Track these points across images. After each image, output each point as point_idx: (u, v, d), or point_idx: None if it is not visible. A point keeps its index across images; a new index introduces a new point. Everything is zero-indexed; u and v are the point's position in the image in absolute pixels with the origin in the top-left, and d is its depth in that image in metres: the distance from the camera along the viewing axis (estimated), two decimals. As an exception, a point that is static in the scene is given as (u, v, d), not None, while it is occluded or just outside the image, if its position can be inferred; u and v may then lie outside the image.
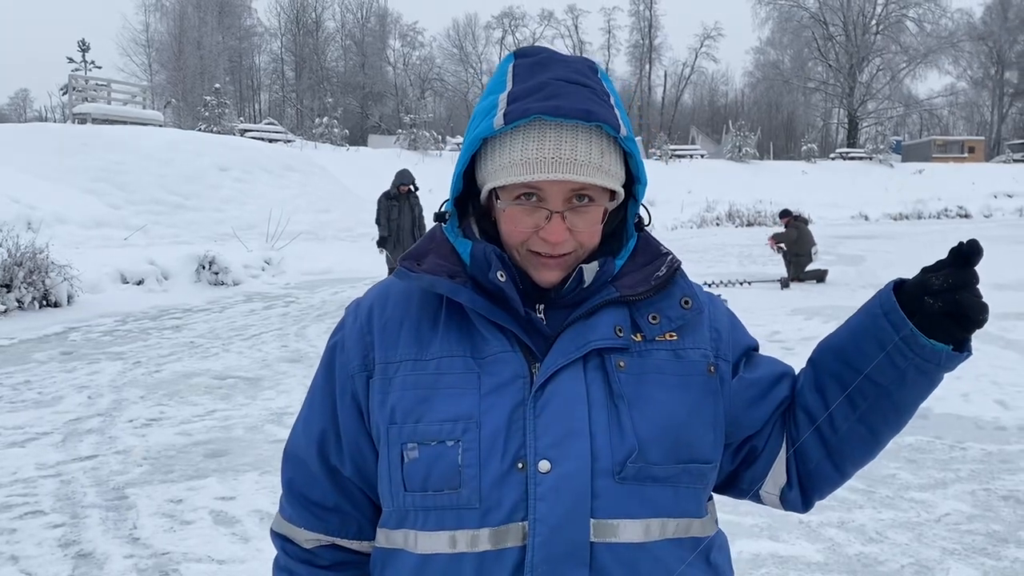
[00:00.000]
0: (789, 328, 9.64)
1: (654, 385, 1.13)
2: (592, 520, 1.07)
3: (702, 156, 48.71)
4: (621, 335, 1.13)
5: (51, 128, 21.52)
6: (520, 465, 1.07)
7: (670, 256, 1.21)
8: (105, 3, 79.55)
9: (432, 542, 1.09)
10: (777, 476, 1.23)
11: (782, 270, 14.42)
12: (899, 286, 1.10)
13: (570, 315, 1.14)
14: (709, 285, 13.09)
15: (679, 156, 47.05)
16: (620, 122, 1.12)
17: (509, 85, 1.13)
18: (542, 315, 1.15)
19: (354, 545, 1.24)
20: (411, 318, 1.18)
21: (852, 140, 60.29)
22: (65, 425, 5.89)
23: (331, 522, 1.23)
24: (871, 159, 49.76)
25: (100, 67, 29.84)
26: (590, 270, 1.14)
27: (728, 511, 3.97)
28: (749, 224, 31.88)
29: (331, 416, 1.21)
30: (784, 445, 1.22)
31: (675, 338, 1.17)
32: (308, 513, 1.23)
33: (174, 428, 5.83)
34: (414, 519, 1.11)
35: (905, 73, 63.77)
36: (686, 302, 1.19)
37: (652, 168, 42.63)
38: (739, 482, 1.25)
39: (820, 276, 14.10)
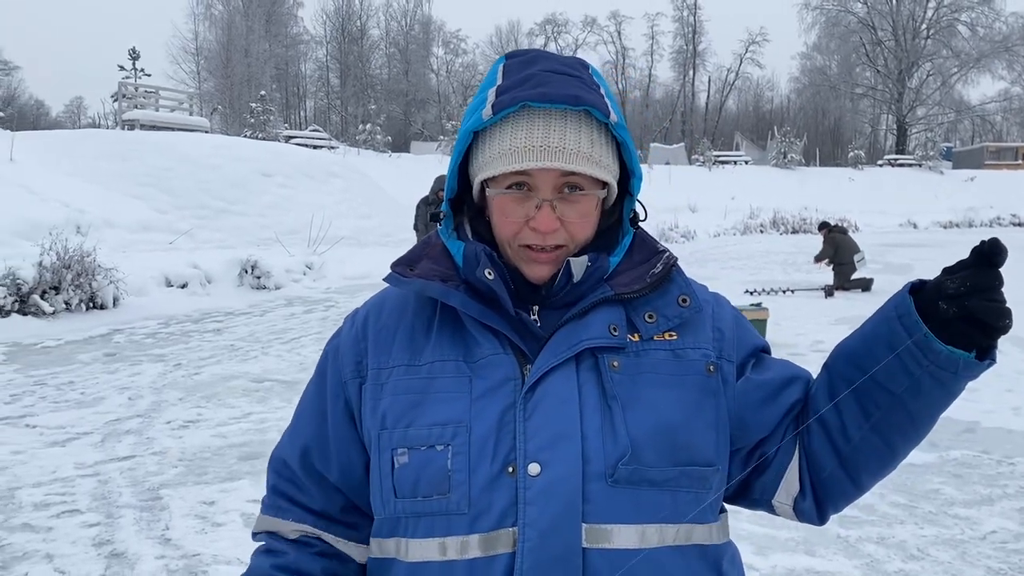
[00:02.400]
0: (833, 337, 9.42)
1: (649, 385, 1.09)
2: (584, 525, 1.03)
3: (746, 162, 48.19)
4: (616, 334, 1.10)
5: (100, 134, 22.01)
6: (510, 469, 1.04)
7: (666, 253, 1.18)
8: (156, 12, 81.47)
9: (422, 550, 1.07)
10: (790, 485, 1.17)
11: (827, 278, 14.17)
12: (919, 288, 1.04)
13: (564, 315, 1.12)
14: (751, 293, 12.90)
15: (722, 162, 46.61)
16: (610, 109, 1.11)
17: (499, 81, 1.13)
18: (536, 317, 1.13)
19: (339, 544, 1.20)
20: (406, 324, 1.17)
21: (901, 147, 59.11)
22: (105, 425, 5.98)
23: (318, 521, 1.20)
24: (920, 166, 48.72)
25: (150, 75, 30.51)
26: (579, 264, 1.11)
27: (764, 524, 3.87)
28: (794, 231, 31.36)
29: (319, 423, 1.19)
30: (797, 452, 1.17)
31: (675, 337, 1.14)
32: (295, 508, 1.21)
33: (210, 430, 5.89)
34: (404, 526, 1.09)
35: (957, 78, 62.35)
36: (683, 300, 1.15)
37: (695, 174, 42.30)
38: (750, 491, 1.20)
39: (866, 285, 13.81)
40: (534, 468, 1.03)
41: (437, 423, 1.07)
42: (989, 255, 0.96)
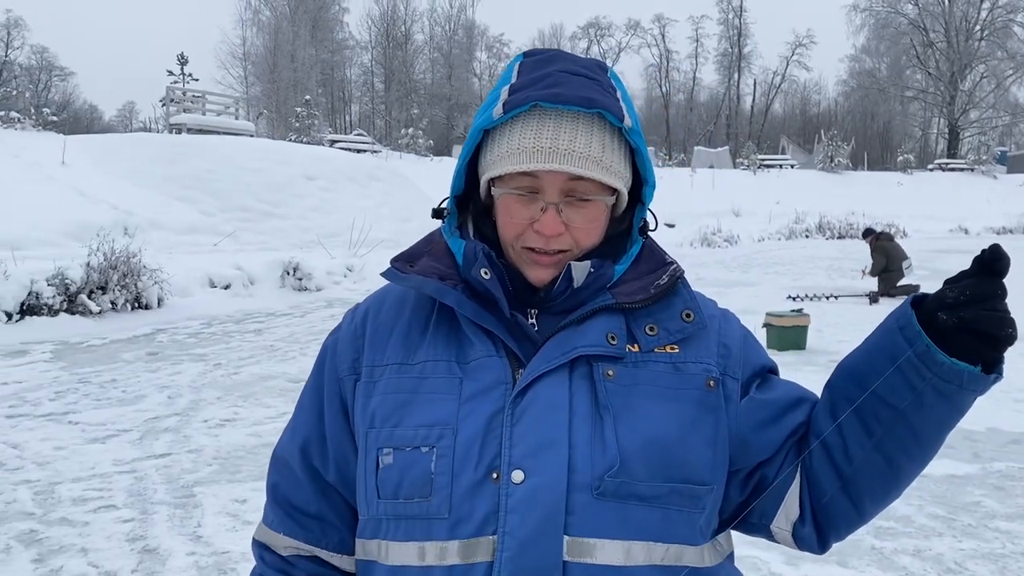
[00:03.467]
0: (875, 344, 9.24)
1: (644, 397, 1.05)
2: (566, 537, 0.99)
3: (792, 166, 47.55)
4: (614, 343, 1.06)
5: (149, 138, 22.50)
6: (495, 475, 1.01)
7: (674, 265, 1.14)
8: (206, 19, 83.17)
9: (402, 553, 1.05)
10: (789, 510, 1.12)
11: (872, 284, 13.90)
12: (921, 301, 1.00)
13: (562, 321, 1.09)
14: (794, 298, 12.71)
15: (768, 166, 46.05)
16: (624, 113, 1.07)
17: (513, 79, 1.11)
18: (534, 321, 1.10)
19: (334, 560, 1.19)
20: (403, 323, 1.15)
21: (953, 151, 57.83)
22: (144, 423, 6.09)
23: (312, 530, 1.19)
24: (973, 170, 47.60)
25: (198, 79, 30.96)
26: (580, 269, 1.08)
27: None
28: (840, 236, 30.85)
29: (317, 419, 1.18)
30: (798, 476, 1.12)
31: (676, 350, 1.10)
32: (290, 519, 1.19)
33: (246, 429, 5.96)
34: (386, 529, 1.07)
35: (1012, 80, 60.79)
36: (687, 315, 1.11)
37: (739, 178, 41.85)
38: (748, 515, 1.14)
39: (911, 291, 13.51)
40: (518, 475, 0.99)
41: (423, 424, 1.05)
42: (990, 263, 0.93)
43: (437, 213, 1.18)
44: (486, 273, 1.08)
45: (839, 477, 1.08)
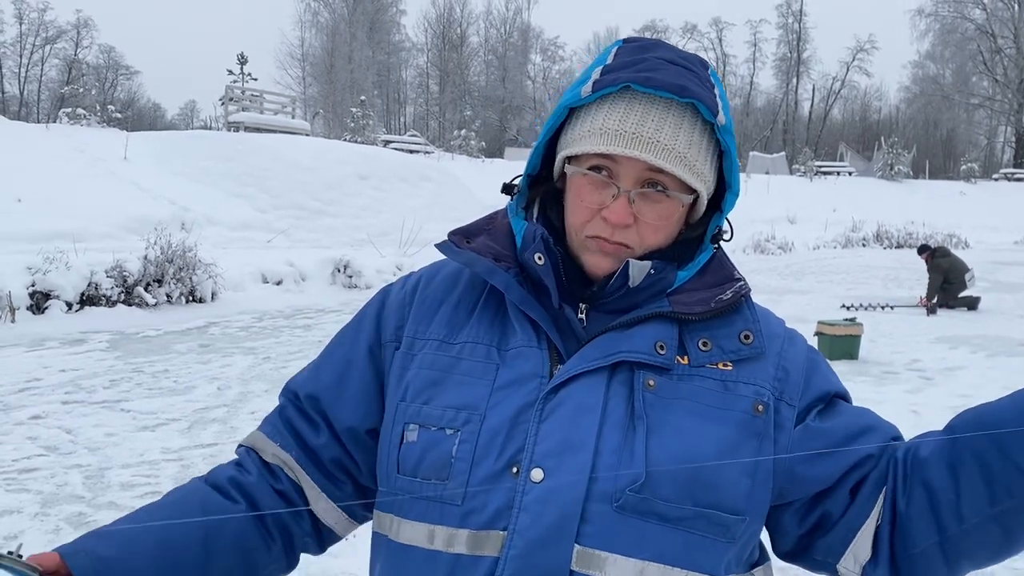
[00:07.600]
0: (930, 357, 8.99)
1: (683, 412, 0.99)
2: (576, 546, 0.94)
3: (850, 173, 46.67)
4: (663, 353, 1.01)
5: (207, 135, 22.99)
6: (515, 470, 0.97)
7: (741, 282, 1.08)
8: (267, 20, 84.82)
9: (411, 533, 1.02)
10: (860, 550, 1.02)
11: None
12: None
13: (613, 321, 1.04)
14: (847, 308, 12.46)
15: (824, 173, 45.26)
16: (719, 108, 1.02)
17: (608, 62, 1.07)
18: (584, 316, 1.06)
19: (310, 492, 1.13)
20: (452, 299, 1.12)
21: (1020, 160, 56.16)
22: (193, 413, 6.21)
23: (302, 456, 1.13)
24: (1040, 180, 46.15)
25: (256, 79, 31.50)
26: (639, 268, 1.02)
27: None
28: (898, 246, 30.16)
29: (342, 370, 1.15)
30: (875, 514, 1.01)
31: (729, 368, 1.03)
32: (289, 434, 1.14)
33: (291, 422, 6.03)
34: (400, 506, 1.04)
35: (1084, 88, 58.86)
36: (746, 336, 1.05)
37: (795, 184, 41.19)
38: (812, 551, 1.07)
39: (971, 303, 13.12)
40: (537, 474, 0.96)
41: (452, 406, 1.02)
42: None
43: (507, 189, 1.14)
44: (540, 259, 1.04)
45: (939, 532, 0.97)
